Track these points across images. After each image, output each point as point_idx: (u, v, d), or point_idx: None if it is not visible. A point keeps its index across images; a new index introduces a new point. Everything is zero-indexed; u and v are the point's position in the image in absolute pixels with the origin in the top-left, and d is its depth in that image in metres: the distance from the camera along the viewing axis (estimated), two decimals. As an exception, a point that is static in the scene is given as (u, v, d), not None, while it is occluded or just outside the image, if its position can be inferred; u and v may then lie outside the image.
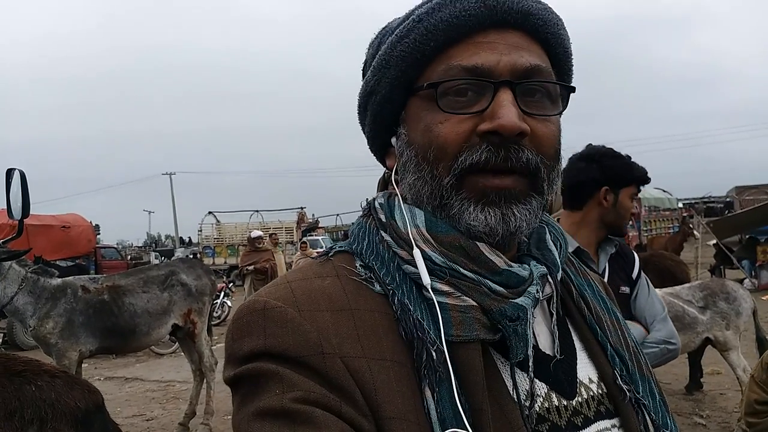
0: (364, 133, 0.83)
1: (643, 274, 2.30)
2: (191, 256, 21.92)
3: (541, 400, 0.68)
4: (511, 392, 0.66)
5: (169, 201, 47.58)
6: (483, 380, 0.63)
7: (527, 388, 0.67)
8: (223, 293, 12.37)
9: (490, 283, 0.67)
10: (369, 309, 0.67)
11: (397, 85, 0.73)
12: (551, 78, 0.71)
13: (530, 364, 0.67)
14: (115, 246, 28.98)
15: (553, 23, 0.72)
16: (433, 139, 0.69)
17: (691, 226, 15.13)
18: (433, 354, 0.63)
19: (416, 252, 0.69)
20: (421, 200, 0.72)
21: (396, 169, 0.77)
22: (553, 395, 0.69)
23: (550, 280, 0.73)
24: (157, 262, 24.52)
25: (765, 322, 5.57)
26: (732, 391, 5.97)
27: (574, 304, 0.79)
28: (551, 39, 0.73)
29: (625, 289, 2.22)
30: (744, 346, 5.50)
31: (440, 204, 0.70)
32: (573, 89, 0.74)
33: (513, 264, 0.70)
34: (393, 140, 0.78)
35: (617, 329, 0.79)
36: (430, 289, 0.66)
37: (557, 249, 0.76)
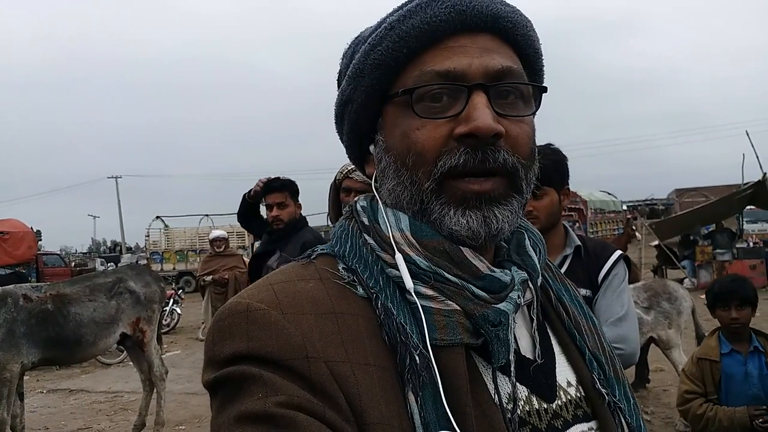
0: (342, 142, 0.83)
1: (618, 274, 2.18)
2: (145, 262, 21.33)
3: (522, 403, 0.69)
4: (493, 396, 0.67)
5: (114, 205, 46.24)
6: (467, 384, 0.64)
7: (509, 392, 0.68)
8: (172, 300, 12.09)
9: (474, 288, 0.68)
10: (352, 313, 0.67)
11: (373, 93, 0.74)
12: (523, 79, 0.73)
13: (512, 368, 0.68)
14: (58, 252, 27.99)
15: (522, 25, 0.74)
16: (411, 145, 0.70)
17: (634, 227, 15.64)
18: (417, 358, 0.63)
19: (398, 256, 0.69)
20: (402, 205, 0.73)
21: (375, 175, 0.77)
22: (534, 398, 0.70)
23: (531, 285, 0.74)
24: (102, 268, 23.79)
25: (704, 319, 5.81)
26: (674, 387, 6.17)
27: (552, 308, 0.80)
28: (521, 41, 0.74)
29: (581, 291, 2.14)
30: (685, 343, 5.73)
31: (420, 209, 0.71)
32: (545, 89, 0.75)
33: (495, 269, 0.71)
34: (371, 148, 0.78)
35: (594, 333, 0.81)
36: (413, 294, 0.67)
37: (537, 255, 0.77)
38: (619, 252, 2.25)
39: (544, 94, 0.76)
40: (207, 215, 24.02)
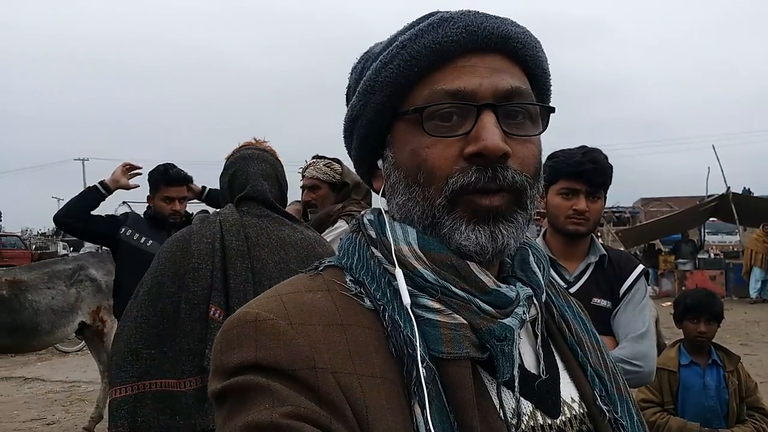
0: (351, 156, 0.84)
1: (640, 289, 2.13)
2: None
3: (527, 418, 0.70)
4: (498, 410, 0.67)
5: (80, 188, 45.20)
6: (473, 397, 0.64)
7: (513, 407, 0.69)
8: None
9: (480, 302, 0.69)
10: (360, 325, 0.68)
11: (383, 110, 0.75)
12: (531, 99, 0.74)
13: (516, 383, 0.69)
14: (18, 234, 27.26)
15: (531, 46, 0.75)
16: (422, 163, 0.71)
17: (599, 234, 15.90)
18: (423, 371, 0.63)
19: (398, 271, 0.69)
20: (412, 219, 0.73)
21: (383, 189, 0.79)
22: (539, 414, 0.71)
23: (535, 301, 0.75)
24: (65, 252, 23.20)
25: (665, 327, 5.92)
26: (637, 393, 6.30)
27: (555, 325, 0.81)
28: (530, 61, 0.75)
29: (601, 302, 2.11)
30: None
31: (432, 223, 0.71)
32: (553, 109, 0.76)
33: (501, 285, 0.72)
34: (379, 163, 0.79)
35: (596, 350, 0.81)
36: (409, 309, 0.67)
37: (541, 271, 0.78)
38: (641, 266, 2.22)
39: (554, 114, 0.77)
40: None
